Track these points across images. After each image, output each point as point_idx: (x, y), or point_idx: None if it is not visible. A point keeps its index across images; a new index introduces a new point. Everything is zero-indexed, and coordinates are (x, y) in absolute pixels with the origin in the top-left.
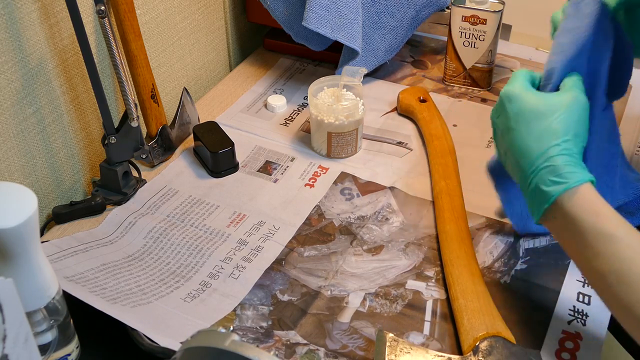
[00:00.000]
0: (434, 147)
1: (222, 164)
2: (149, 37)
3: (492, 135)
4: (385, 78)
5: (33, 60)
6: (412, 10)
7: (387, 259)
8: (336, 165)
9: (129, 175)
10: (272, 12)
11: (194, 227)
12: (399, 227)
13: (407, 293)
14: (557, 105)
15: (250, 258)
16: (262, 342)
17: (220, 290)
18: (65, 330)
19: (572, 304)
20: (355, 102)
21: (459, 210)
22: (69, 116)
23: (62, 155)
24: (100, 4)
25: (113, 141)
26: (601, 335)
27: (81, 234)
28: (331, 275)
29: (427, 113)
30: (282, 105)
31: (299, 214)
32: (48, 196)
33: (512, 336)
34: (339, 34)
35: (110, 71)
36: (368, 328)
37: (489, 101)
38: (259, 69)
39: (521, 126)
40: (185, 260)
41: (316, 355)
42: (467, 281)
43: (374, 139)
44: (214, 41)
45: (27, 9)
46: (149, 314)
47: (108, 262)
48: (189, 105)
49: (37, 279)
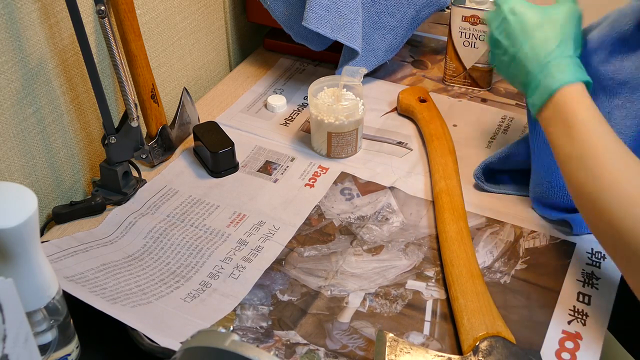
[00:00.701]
0: (434, 147)
1: (222, 164)
2: (149, 37)
3: (492, 132)
4: (385, 78)
5: (33, 60)
6: (412, 10)
7: (387, 259)
8: (336, 165)
9: (129, 175)
10: (272, 12)
11: (194, 227)
12: (399, 227)
13: (407, 293)
14: (556, 15)
15: (250, 258)
16: (262, 342)
17: (220, 290)
18: (65, 330)
19: (572, 304)
20: (355, 102)
21: (459, 210)
22: (69, 116)
23: (62, 155)
24: (100, 4)
25: (113, 141)
26: (601, 335)
27: (81, 234)
28: (331, 275)
29: (427, 113)
30: (282, 105)
31: (299, 214)
32: (48, 196)
33: (512, 336)
34: (339, 34)
35: (110, 71)
36: (368, 328)
37: (489, 101)
38: (259, 69)
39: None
40: (185, 260)
41: (316, 355)
42: (467, 281)
43: (374, 139)
44: (214, 41)
45: (27, 9)
46: (149, 314)
47: (108, 262)
48: (189, 105)
49: (37, 279)
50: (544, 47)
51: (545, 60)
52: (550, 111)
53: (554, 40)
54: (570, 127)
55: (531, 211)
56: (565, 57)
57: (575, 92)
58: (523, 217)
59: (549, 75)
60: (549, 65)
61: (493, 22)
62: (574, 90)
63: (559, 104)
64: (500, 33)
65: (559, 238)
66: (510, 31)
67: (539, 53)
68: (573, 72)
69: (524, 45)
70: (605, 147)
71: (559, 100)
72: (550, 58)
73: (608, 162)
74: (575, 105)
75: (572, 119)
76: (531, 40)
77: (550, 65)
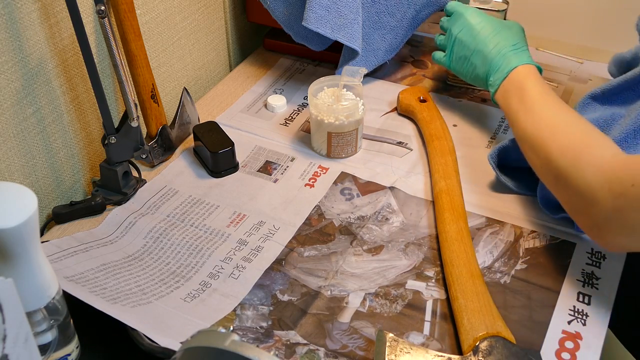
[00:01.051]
0: (434, 147)
1: (222, 164)
2: (149, 37)
3: (492, 132)
4: (385, 78)
5: (33, 60)
6: (412, 10)
7: (387, 259)
8: (336, 165)
9: (129, 175)
10: (272, 12)
11: (194, 227)
12: (399, 227)
13: (407, 293)
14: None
15: (250, 258)
16: (262, 342)
17: (220, 290)
18: (65, 330)
19: (572, 304)
20: (355, 102)
21: (459, 210)
22: (69, 116)
23: (62, 155)
24: (100, 4)
25: (113, 141)
26: (601, 335)
27: (81, 234)
28: (331, 275)
29: (427, 113)
30: (282, 105)
31: (299, 214)
32: (48, 196)
33: (512, 336)
34: (339, 34)
35: (110, 71)
36: (368, 328)
37: (489, 101)
38: (259, 69)
39: (491, 35)
40: (185, 260)
41: (316, 355)
42: (467, 281)
43: (374, 139)
44: (214, 41)
45: (27, 9)
46: (149, 314)
47: (108, 262)
48: (189, 105)
49: (37, 279)
50: (505, 43)
51: (505, 50)
52: (506, 85)
53: (513, 39)
54: (521, 91)
55: (531, 211)
56: (521, 50)
57: (528, 69)
58: (523, 217)
59: (508, 60)
60: (508, 54)
61: (454, 26)
62: (527, 68)
63: (513, 78)
64: (463, 34)
65: (559, 238)
66: (472, 32)
67: (501, 47)
68: (527, 58)
69: (487, 41)
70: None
71: (514, 75)
72: (510, 49)
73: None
74: (527, 77)
75: (523, 85)
76: (494, 38)
77: (510, 54)
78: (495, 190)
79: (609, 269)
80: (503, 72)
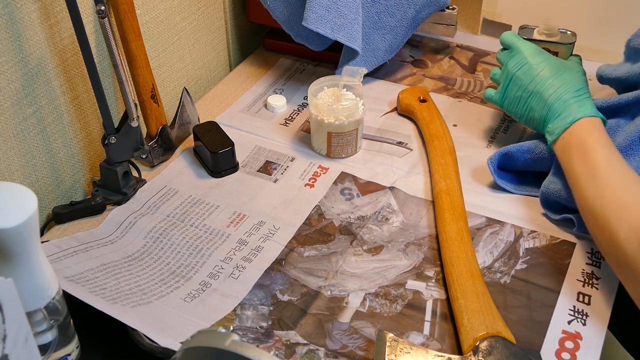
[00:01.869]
0: (434, 147)
1: (222, 164)
2: (149, 37)
3: (492, 132)
4: (385, 78)
5: (33, 60)
6: (412, 10)
7: (387, 259)
8: (336, 165)
9: (129, 175)
10: (272, 12)
11: (194, 227)
12: (399, 227)
13: (407, 293)
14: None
15: (250, 258)
16: (262, 342)
17: (220, 290)
18: (65, 330)
19: (572, 304)
20: (355, 102)
21: (459, 210)
22: (69, 116)
23: (62, 155)
24: (100, 4)
25: (113, 141)
26: (601, 335)
27: (81, 234)
28: (331, 275)
29: (427, 113)
30: (282, 105)
31: (299, 214)
32: (48, 196)
33: (512, 336)
34: (339, 34)
35: (110, 71)
36: (368, 328)
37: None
38: (259, 69)
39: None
40: (185, 260)
41: (316, 355)
42: (467, 281)
43: (374, 139)
44: (214, 41)
45: (27, 9)
46: (149, 314)
47: (108, 262)
48: (189, 105)
49: (37, 279)
50: (567, 88)
51: (567, 97)
52: (567, 137)
53: (575, 84)
54: (584, 150)
55: (531, 211)
56: (584, 98)
57: (591, 123)
58: (523, 217)
59: (569, 108)
60: (570, 100)
61: (511, 62)
62: (591, 121)
63: (575, 132)
64: (521, 72)
65: (559, 238)
66: (531, 72)
67: (562, 92)
68: (590, 109)
69: (547, 84)
70: (612, 170)
71: (576, 129)
72: (572, 96)
73: (612, 181)
74: (591, 134)
75: (587, 144)
76: (555, 81)
77: (572, 100)
78: (495, 190)
79: (609, 269)
80: (564, 122)
